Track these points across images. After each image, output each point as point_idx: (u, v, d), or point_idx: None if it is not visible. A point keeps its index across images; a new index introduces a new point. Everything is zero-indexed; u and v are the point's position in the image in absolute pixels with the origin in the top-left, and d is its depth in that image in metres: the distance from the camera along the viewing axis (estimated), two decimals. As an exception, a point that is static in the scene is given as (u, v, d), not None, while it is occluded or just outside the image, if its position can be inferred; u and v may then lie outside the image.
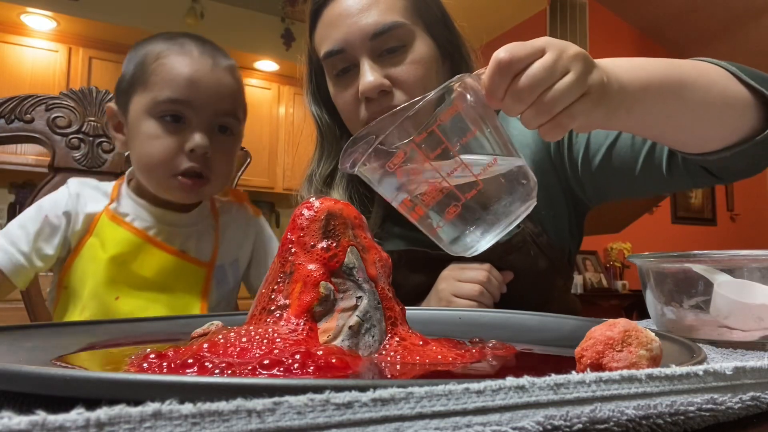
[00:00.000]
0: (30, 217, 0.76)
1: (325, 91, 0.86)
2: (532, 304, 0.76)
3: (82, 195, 0.79)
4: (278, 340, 0.36)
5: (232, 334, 0.38)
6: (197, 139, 0.73)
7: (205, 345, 0.33)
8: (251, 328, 0.38)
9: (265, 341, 0.36)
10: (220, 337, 0.37)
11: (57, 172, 1.02)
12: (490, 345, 0.43)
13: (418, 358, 0.38)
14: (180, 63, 0.75)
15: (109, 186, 0.82)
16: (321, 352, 0.32)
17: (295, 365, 0.30)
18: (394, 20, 0.76)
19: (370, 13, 0.76)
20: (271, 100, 4.36)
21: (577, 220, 0.91)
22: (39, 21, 3.50)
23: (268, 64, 4.25)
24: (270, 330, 0.38)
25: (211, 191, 0.81)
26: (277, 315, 0.39)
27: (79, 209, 0.78)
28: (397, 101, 0.76)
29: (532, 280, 0.85)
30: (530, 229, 0.83)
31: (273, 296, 0.41)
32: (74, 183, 0.81)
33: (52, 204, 0.78)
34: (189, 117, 0.74)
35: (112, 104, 0.81)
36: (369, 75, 0.75)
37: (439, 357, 0.38)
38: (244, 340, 0.35)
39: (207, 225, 0.85)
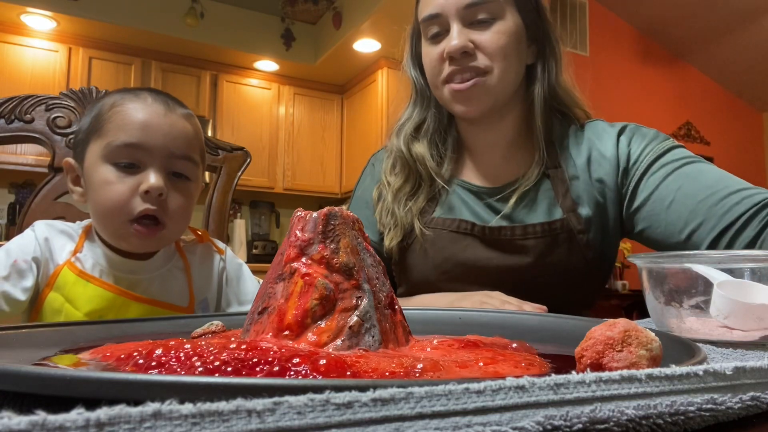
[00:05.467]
0: None
1: (421, 55, 0.98)
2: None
3: (50, 240, 0.78)
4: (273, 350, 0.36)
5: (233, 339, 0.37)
6: (152, 180, 0.73)
7: (187, 346, 0.33)
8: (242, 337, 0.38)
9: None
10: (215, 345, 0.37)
11: (57, 172, 1.02)
12: (514, 346, 0.43)
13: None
14: (134, 109, 0.75)
15: (77, 230, 0.81)
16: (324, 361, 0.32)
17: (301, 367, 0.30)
18: None
19: None
20: (271, 100, 4.36)
21: (616, 241, 0.95)
22: (39, 21, 3.51)
23: (268, 64, 4.25)
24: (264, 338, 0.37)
25: (168, 237, 0.79)
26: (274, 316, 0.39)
27: (49, 257, 0.77)
28: (479, 63, 0.87)
29: (562, 284, 0.89)
30: (573, 223, 0.89)
31: (272, 297, 0.41)
32: (41, 227, 0.79)
33: (20, 249, 0.75)
34: (143, 161, 0.74)
35: (69, 159, 0.80)
36: (456, 37, 0.87)
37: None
38: (233, 346, 0.35)
39: (172, 268, 0.84)
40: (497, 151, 0.98)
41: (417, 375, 0.30)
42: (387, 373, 0.30)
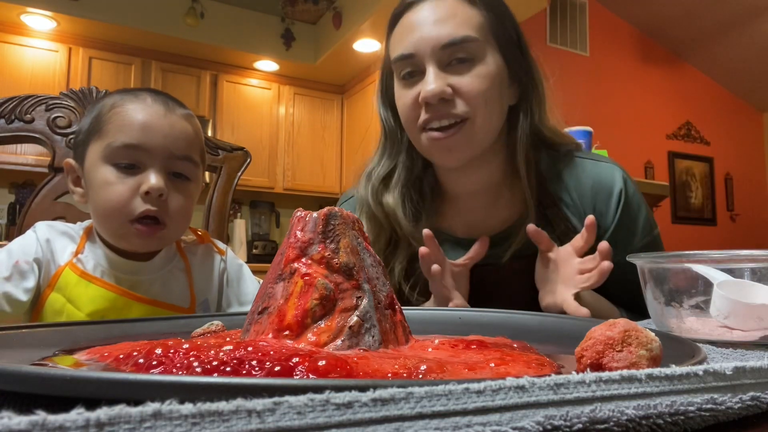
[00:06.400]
0: (0, 261, 0.74)
1: (393, 94, 0.89)
2: None
3: (52, 241, 0.78)
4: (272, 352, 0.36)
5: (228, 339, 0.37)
6: (152, 180, 0.73)
7: (185, 345, 0.33)
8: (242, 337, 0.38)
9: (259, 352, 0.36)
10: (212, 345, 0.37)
11: (57, 172, 1.02)
12: (515, 346, 0.42)
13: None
14: (133, 110, 0.76)
15: (78, 231, 0.81)
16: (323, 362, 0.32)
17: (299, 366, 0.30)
18: (467, 34, 0.79)
19: (446, 25, 0.79)
20: (271, 100, 4.36)
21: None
22: (39, 21, 3.50)
23: (268, 64, 4.25)
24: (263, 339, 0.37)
25: (169, 237, 0.79)
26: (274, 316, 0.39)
27: (51, 258, 0.77)
28: (458, 110, 0.79)
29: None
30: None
31: (272, 297, 0.41)
32: (42, 228, 0.79)
33: (21, 250, 0.75)
34: (143, 162, 0.74)
35: (69, 159, 0.81)
36: (432, 82, 0.78)
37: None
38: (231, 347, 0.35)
39: (174, 268, 0.84)
40: (481, 197, 0.90)
41: (420, 377, 0.30)
42: (389, 375, 0.30)
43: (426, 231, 0.79)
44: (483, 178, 0.88)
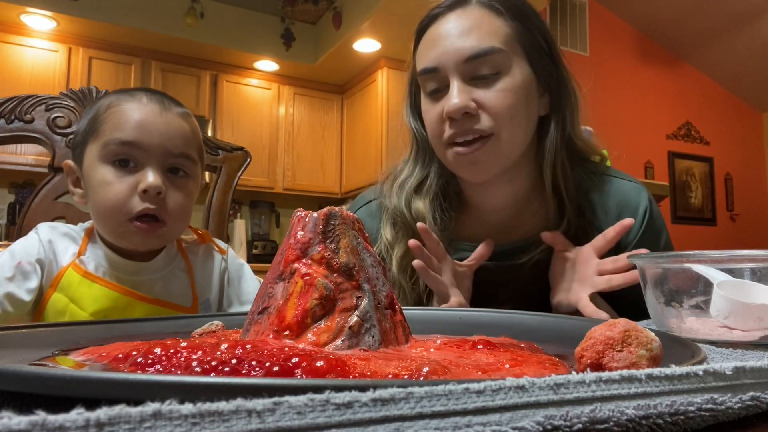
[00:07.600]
0: (2, 263, 0.74)
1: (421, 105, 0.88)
2: None
3: (54, 242, 0.78)
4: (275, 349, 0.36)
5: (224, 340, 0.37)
6: (150, 178, 0.73)
7: (183, 344, 0.33)
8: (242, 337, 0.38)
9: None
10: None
11: (57, 172, 1.02)
12: (522, 345, 0.42)
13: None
14: (129, 109, 0.76)
15: (79, 233, 0.81)
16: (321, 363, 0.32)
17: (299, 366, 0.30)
18: (491, 45, 0.77)
19: (470, 37, 0.78)
20: (271, 100, 4.36)
21: None
22: (39, 21, 3.51)
23: (268, 64, 4.25)
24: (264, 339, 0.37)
25: (169, 234, 0.80)
26: (274, 316, 0.39)
27: (53, 258, 0.77)
28: (482, 125, 0.77)
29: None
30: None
31: (272, 297, 0.41)
32: (44, 229, 0.79)
33: (24, 251, 0.76)
34: (140, 159, 0.75)
35: (68, 161, 0.81)
36: (455, 96, 0.77)
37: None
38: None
39: (175, 268, 0.84)
40: (505, 211, 0.89)
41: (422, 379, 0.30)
42: (390, 377, 0.30)
43: (420, 225, 0.78)
44: (508, 194, 0.87)
